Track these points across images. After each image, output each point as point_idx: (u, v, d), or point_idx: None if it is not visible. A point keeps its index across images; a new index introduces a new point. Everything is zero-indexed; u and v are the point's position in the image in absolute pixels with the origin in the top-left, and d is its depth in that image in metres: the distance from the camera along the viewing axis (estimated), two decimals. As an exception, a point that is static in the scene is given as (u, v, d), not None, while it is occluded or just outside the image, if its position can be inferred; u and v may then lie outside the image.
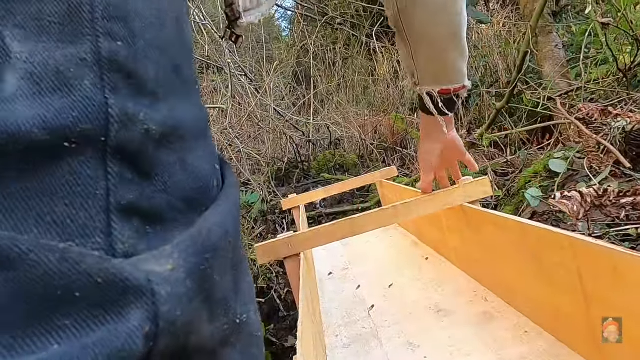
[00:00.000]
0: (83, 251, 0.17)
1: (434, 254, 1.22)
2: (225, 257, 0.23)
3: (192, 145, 0.24)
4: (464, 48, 0.71)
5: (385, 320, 0.92)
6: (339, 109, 4.03)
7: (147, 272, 0.18)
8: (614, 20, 1.43)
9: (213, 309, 0.21)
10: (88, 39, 0.19)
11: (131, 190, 0.20)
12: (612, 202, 0.89)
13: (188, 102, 0.25)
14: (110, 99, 0.19)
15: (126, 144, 0.19)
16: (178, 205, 0.22)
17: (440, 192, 0.93)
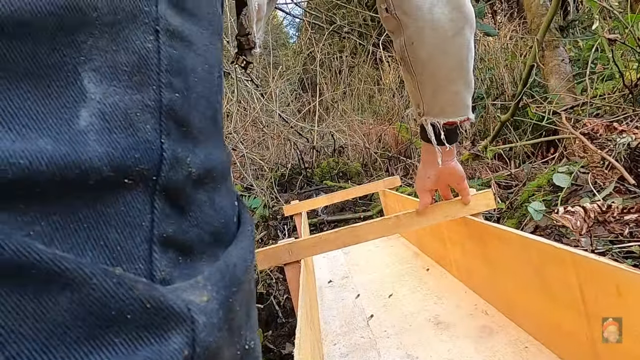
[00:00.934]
0: (135, 277, 0.19)
1: (435, 266, 1.22)
2: (245, 289, 0.25)
3: (219, 185, 0.27)
4: (470, 80, 0.71)
5: (384, 330, 0.92)
6: (343, 117, 4.04)
7: (187, 302, 0.20)
8: (621, 37, 1.43)
9: (232, 336, 0.24)
10: (153, 88, 0.22)
11: (170, 224, 0.22)
12: (616, 218, 0.89)
13: (219, 146, 0.28)
14: (165, 143, 0.22)
15: (172, 183, 0.22)
16: (206, 239, 0.25)
17: (443, 204, 0.93)
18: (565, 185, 1.34)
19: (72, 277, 0.17)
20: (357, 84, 4.58)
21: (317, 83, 4.38)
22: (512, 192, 2.03)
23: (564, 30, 2.97)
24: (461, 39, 0.65)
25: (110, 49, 0.21)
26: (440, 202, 0.94)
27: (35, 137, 0.18)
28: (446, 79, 0.69)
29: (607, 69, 2.03)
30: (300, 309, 0.70)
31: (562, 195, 1.34)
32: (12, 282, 0.16)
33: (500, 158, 2.76)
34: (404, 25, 0.65)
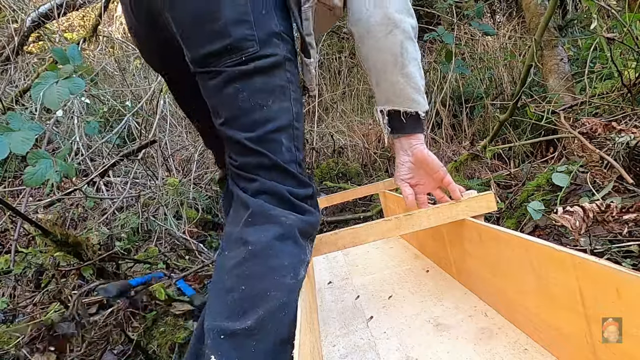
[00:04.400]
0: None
1: (434, 267, 1.21)
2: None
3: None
4: (409, 74, 0.85)
5: (384, 332, 0.92)
6: (343, 118, 4.04)
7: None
8: (619, 36, 1.43)
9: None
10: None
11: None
12: (615, 218, 0.88)
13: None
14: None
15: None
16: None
17: (443, 206, 0.92)
18: (564, 185, 1.34)
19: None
20: (357, 85, 4.58)
21: (317, 84, 4.38)
22: (512, 192, 2.03)
23: (563, 29, 2.97)
24: (392, 38, 0.82)
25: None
26: (441, 204, 0.93)
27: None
28: (383, 71, 0.85)
29: (606, 68, 2.02)
30: (300, 310, 0.70)
31: (561, 194, 1.33)
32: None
33: (500, 158, 2.76)
34: (353, 33, 0.86)
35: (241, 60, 0.75)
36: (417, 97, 0.87)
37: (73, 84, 1.09)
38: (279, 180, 0.77)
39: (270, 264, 0.72)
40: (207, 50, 0.77)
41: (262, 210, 0.76)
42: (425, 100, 0.89)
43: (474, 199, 0.91)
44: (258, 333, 0.68)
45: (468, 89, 3.82)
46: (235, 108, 0.78)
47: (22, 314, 1.29)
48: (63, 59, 1.17)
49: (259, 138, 0.77)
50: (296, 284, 0.73)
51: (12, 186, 2.16)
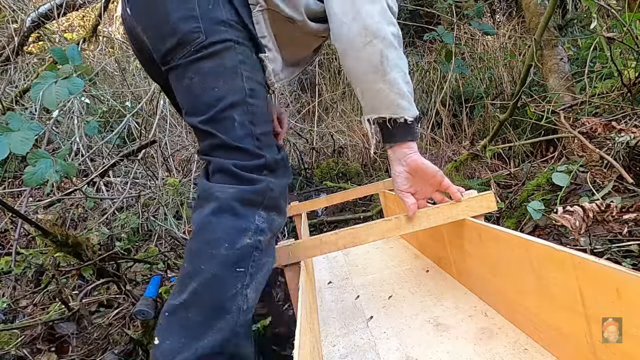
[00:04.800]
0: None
1: (434, 267, 1.21)
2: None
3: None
4: (391, 80, 0.85)
5: (384, 332, 0.92)
6: (343, 118, 4.03)
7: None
8: (619, 35, 1.43)
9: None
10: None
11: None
12: (615, 217, 0.88)
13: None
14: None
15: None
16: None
17: (443, 206, 0.92)
18: (564, 185, 1.34)
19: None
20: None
21: (317, 84, 4.37)
22: (512, 192, 2.03)
23: (563, 29, 2.96)
24: (371, 49, 0.84)
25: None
26: (441, 204, 0.93)
27: None
28: (366, 81, 0.87)
29: (606, 67, 2.02)
30: (300, 310, 0.70)
31: (561, 194, 1.33)
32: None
33: (500, 157, 2.76)
34: (337, 49, 0.89)
35: (190, 51, 0.83)
36: (402, 102, 0.86)
37: (72, 84, 1.09)
38: (225, 156, 0.82)
39: (205, 238, 0.78)
40: (165, 49, 0.85)
41: (204, 190, 0.82)
42: (413, 106, 0.88)
43: (474, 199, 0.91)
44: (192, 305, 0.74)
45: (468, 88, 3.82)
46: (191, 96, 0.86)
47: (22, 314, 1.29)
48: (62, 59, 1.17)
49: (210, 119, 0.83)
50: (234, 252, 0.77)
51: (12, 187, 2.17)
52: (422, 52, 4.50)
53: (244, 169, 0.81)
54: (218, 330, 0.73)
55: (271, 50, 0.90)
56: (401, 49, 0.87)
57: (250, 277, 0.78)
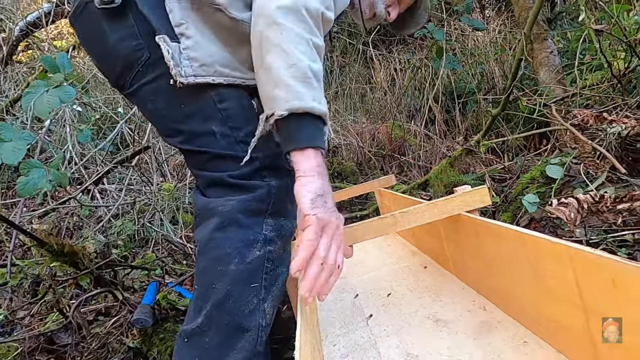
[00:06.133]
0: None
1: (432, 263, 1.22)
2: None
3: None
4: (268, 70, 0.68)
5: (384, 329, 0.92)
6: (336, 117, 4.04)
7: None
8: (608, 27, 1.44)
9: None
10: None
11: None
12: (609, 208, 0.89)
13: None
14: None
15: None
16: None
17: (439, 201, 0.93)
18: (558, 177, 1.35)
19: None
20: (349, 83, 4.58)
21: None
22: (507, 185, 2.04)
23: (552, 22, 2.98)
24: (254, 33, 0.70)
25: None
26: (436, 199, 0.94)
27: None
28: (255, 70, 0.73)
29: (596, 59, 2.03)
30: (300, 310, 0.70)
31: (555, 186, 1.34)
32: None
33: (494, 152, 2.77)
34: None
35: (139, 72, 0.77)
36: (277, 92, 0.66)
37: (64, 93, 1.08)
38: (217, 168, 0.77)
39: (212, 256, 0.73)
40: (115, 76, 0.81)
41: (203, 207, 0.77)
42: (299, 97, 0.66)
43: (469, 194, 0.91)
44: (208, 328, 0.70)
45: (460, 84, 3.84)
46: (160, 120, 0.81)
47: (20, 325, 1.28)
48: (53, 67, 1.16)
49: (188, 139, 0.78)
50: (245, 267, 0.72)
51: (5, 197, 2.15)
52: (413, 49, 4.51)
53: (240, 177, 0.76)
54: (239, 350, 0.70)
55: (190, 38, 0.76)
56: (299, 25, 0.68)
57: (265, 290, 0.74)
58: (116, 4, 0.75)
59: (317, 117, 0.67)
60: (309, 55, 0.67)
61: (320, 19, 0.71)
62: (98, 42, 0.80)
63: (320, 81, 0.68)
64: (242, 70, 0.80)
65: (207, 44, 0.77)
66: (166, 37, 0.74)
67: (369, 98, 4.42)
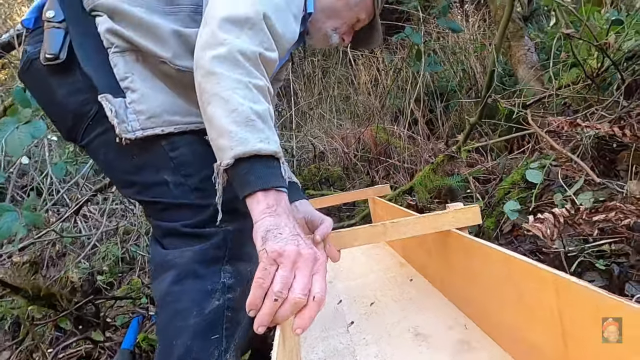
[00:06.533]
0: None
1: (418, 276, 1.22)
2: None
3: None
4: (210, 121, 0.66)
5: (364, 338, 0.92)
6: (320, 123, 4.04)
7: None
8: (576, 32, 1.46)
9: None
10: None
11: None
12: (585, 219, 0.90)
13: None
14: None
15: None
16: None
17: (430, 215, 0.93)
18: (538, 182, 1.36)
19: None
20: (332, 86, 4.58)
21: (292, 90, 4.37)
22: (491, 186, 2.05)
23: (528, 19, 3.01)
24: (196, 85, 0.68)
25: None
26: (428, 213, 0.94)
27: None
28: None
29: (570, 56, 2.05)
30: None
31: (535, 191, 1.35)
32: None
33: (477, 151, 2.79)
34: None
35: (89, 125, 0.76)
36: (222, 142, 0.64)
37: (34, 128, 1.06)
38: (171, 218, 0.75)
39: (171, 311, 0.72)
40: (65, 129, 0.81)
41: (160, 260, 0.75)
42: (238, 141, 0.63)
43: (461, 211, 0.92)
44: None
45: (441, 82, 3.86)
46: (112, 172, 0.80)
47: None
48: (23, 101, 1.14)
49: (141, 190, 0.77)
50: (204, 319, 0.71)
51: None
52: (395, 49, 4.52)
53: (194, 226, 0.74)
54: None
55: (136, 91, 0.75)
56: (236, 71, 0.66)
57: (227, 340, 0.72)
58: (60, 59, 0.74)
59: (267, 157, 0.65)
60: (250, 98, 0.65)
61: (259, 60, 0.68)
62: (46, 97, 0.80)
63: (267, 121, 0.66)
64: (196, 114, 0.77)
65: (154, 94, 0.76)
66: (108, 95, 0.73)
67: (353, 100, 4.42)
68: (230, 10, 0.67)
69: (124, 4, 0.75)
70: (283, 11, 0.74)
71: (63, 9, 0.76)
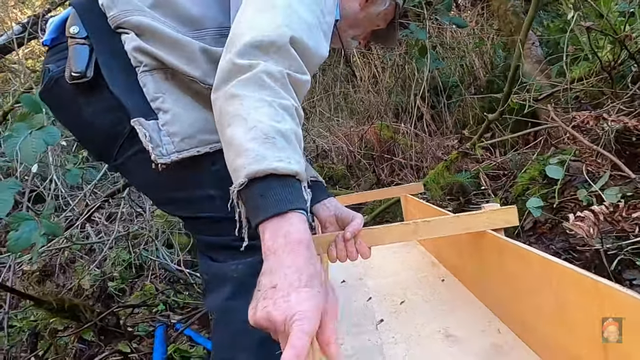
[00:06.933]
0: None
1: (451, 277, 1.19)
2: None
3: None
4: (229, 143, 0.61)
5: (392, 336, 0.91)
6: (322, 121, 4.01)
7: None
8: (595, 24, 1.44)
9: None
10: None
11: None
12: (625, 217, 0.88)
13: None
14: None
15: None
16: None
17: (464, 215, 0.91)
18: (559, 177, 1.34)
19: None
20: (331, 83, 4.56)
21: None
22: (502, 182, 2.04)
23: (531, 13, 2.99)
24: (214, 110, 0.64)
25: None
26: (462, 213, 0.92)
27: None
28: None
29: (579, 49, 2.04)
30: None
31: (557, 187, 1.33)
32: None
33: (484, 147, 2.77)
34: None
35: (123, 145, 0.74)
36: (238, 162, 0.58)
37: (48, 134, 1.02)
38: (220, 232, 0.72)
39: (231, 326, 0.70)
40: (97, 151, 0.80)
41: (213, 273, 0.74)
42: (254, 159, 0.57)
43: (496, 212, 0.89)
44: None
45: (442, 78, 3.84)
46: (155, 192, 0.79)
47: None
48: (33, 106, 1.10)
49: (185, 206, 0.75)
50: (265, 335, 0.69)
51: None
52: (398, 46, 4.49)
53: (243, 239, 0.70)
54: None
55: (168, 111, 0.72)
56: (260, 92, 0.61)
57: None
58: (88, 77, 0.71)
59: (285, 176, 0.57)
60: (272, 117, 0.59)
61: (287, 80, 0.63)
62: (73, 118, 0.77)
63: (290, 141, 0.59)
64: None
65: (187, 113, 0.73)
66: (141, 119, 0.70)
67: (354, 98, 4.40)
68: (254, 35, 0.63)
69: (153, 21, 0.72)
70: (314, 29, 0.70)
71: (85, 26, 0.74)
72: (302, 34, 0.66)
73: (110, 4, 0.73)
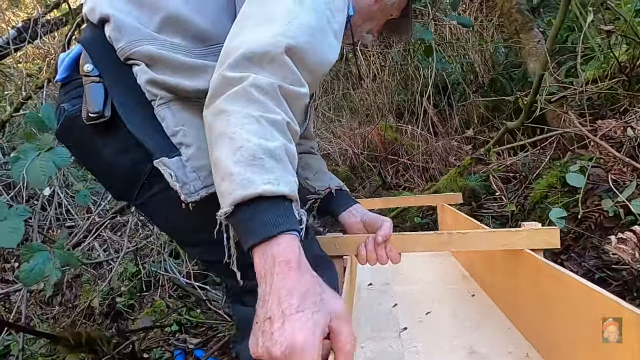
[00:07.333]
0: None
1: (481, 292, 1.17)
2: None
3: None
4: (216, 163, 0.58)
5: (414, 346, 0.89)
6: (325, 123, 3.97)
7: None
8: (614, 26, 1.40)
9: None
10: None
11: None
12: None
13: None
14: None
15: None
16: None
17: (502, 231, 0.89)
18: (581, 186, 1.31)
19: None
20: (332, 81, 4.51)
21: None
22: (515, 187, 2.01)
23: (536, 10, 2.96)
24: (205, 129, 0.63)
25: None
26: (499, 229, 0.89)
27: None
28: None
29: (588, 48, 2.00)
30: None
31: (580, 197, 1.30)
32: None
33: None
34: None
35: (144, 184, 0.71)
36: (224, 186, 0.56)
37: (57, 156, 0.97)
38: (250, 276, 0.64)
39: None
40: (117, 192, 0.78)
41: (246, 318, 0.67)
42: (239, 184, 0.54)
43: (537, 231, 0.86)
44: None
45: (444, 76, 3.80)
46: (176, 231, 0.76)
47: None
48: (39, 124, 1.05)
49: (209, 249, 0.70)
50: None
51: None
52: (391, 42, 4.44)
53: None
54: None
55: (191, 145, 0.67)
56: (249, 106, 0.58)
57: None
58: (106, 117, 0.67)
59: (274, 197, 0.55)
60: (259, 134, 0.56)
61: (279, 92, 0.60)
62: (92, 158, 0.75)
63: (280, 160, 0.57)
64: None
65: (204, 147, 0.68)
66: (164, 159, 0.66)
67: (354, 97, 4.35)
68: (247, 47, 0.60)
69: (162, 49, 0.68)
70: (320, 32, 0.66)
71: (96, 63, 0.70)
72: (302, 41, 0.62)
73: (118, 35, 0.69)
